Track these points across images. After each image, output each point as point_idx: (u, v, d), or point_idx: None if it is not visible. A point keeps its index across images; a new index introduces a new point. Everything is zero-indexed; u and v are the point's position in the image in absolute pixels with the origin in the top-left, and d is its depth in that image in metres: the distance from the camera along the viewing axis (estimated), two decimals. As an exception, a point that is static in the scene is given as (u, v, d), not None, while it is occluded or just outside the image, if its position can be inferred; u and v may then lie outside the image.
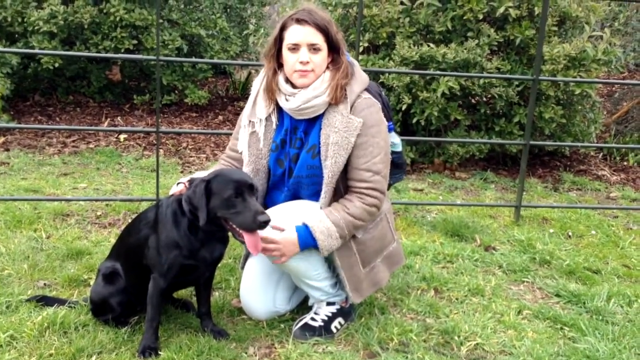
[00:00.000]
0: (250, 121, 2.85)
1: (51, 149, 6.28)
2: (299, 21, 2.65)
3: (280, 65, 2.76)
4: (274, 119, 2.82)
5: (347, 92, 2.69)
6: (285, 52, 2.70)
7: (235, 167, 2.93)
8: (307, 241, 2.63)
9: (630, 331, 3.02)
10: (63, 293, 3.12)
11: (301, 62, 2.65)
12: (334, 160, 2.66)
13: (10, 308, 2.89)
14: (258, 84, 2.86)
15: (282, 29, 2.70)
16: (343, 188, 2.75)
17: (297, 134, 2.79)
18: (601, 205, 5.41)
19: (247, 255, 3.08)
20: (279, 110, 2.82)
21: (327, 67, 2.72)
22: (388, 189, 3.09)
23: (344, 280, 2.77)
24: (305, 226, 2.64)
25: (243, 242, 2.47)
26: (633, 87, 7.93)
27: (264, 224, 2.39)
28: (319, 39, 2.65)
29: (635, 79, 8.91)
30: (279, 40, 2.72)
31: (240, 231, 2.44)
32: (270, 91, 2.77)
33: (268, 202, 2.89)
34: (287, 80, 2.75)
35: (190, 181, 2.59)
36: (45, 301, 2.93)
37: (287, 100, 2.73)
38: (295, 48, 2.66)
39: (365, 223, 2.72)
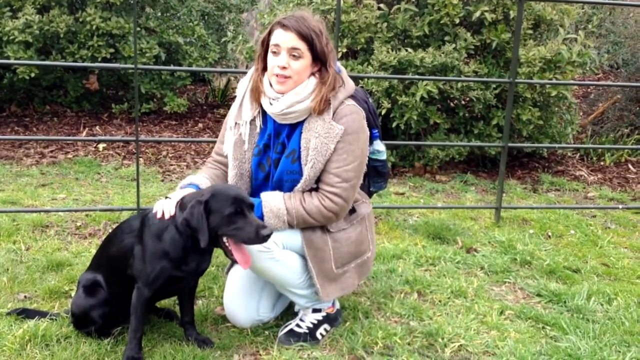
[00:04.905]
0: (236, 123, 2.84)
1: (29, 159, 6.21)
2: (283, 26, 2.64)
3: (266, 68, 2.75)
4: (258, 122, 2.81)
5: (331, 99, 2.68)
6: (269, 55, 2.70)
7: (223, 171, 2.93)
8: (256, 213, 2.61)
9: (610, 329, 3.06)
10: (44, 305, 3.08)
11: (279, 67, 2.64)
12: (311, 164, 2.66)
13: (-10, 322, 2.85)
14: (245, 85, 2.84)
15: (270, 31, 2.69)
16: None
17: (279, 138, 2.78)
18: (579, 205, 5.49)
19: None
20: (264, 113, 2.81)
21: (313, 75, 2.70)
22: (370, 197, 3.12)
23: (312, 272, 2.74)
24: (260, 200, 2.68)
25: (234, 260, 2.50)
26: (608, 88, 8.05)
27: (267, 237, 2.43)
28: (300, 46, 2.62)
29: (610, 80, 9.04)
30: (267, 42, 2.71)
31: (231, 248, 2.47)
32: (257, 92, 2.76)
33: None
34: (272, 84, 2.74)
35: (182, 203, 2.56)
36: (26, 314, 2.89)
37: (270, 104, 2.72)
38: (276, 51, 2.66)
39: (316, 222, 2.70)
